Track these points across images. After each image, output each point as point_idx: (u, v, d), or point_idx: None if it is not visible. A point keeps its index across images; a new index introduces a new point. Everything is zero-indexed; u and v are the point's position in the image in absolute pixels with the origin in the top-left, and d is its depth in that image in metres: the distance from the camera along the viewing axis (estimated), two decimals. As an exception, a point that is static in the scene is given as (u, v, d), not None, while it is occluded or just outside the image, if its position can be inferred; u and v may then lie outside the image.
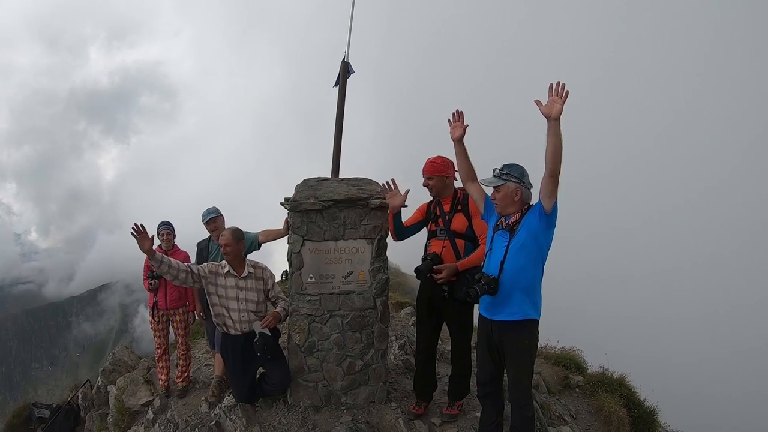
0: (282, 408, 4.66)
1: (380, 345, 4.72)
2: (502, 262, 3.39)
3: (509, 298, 3.39)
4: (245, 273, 4.49)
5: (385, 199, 4.45)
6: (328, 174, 5.96)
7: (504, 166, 3.46)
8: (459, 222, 4.18)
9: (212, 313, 4.55)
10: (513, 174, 3.43)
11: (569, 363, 6.94)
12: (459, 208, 4.21)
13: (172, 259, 4.35)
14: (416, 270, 4.16)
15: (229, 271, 4.46)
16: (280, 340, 4.79)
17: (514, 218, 3.46)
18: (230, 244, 4.40)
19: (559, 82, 3.15)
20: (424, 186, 4.27)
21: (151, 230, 5.47)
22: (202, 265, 4.51)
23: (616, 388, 6.33)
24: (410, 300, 10.24)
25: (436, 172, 4.19)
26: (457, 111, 3.71)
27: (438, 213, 4.30)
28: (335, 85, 6.66)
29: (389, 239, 4.63)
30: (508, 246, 3.41)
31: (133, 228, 4.05)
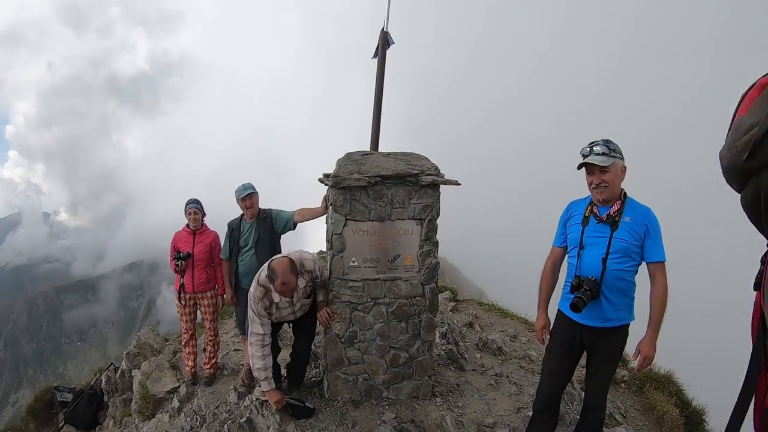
0: (318, 402, 4.27)
1: (427, 336, 4.27)
2: (604, 260, 2.86)
3: (610, 300, 2.90)
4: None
5: (436, 175, 3.92)
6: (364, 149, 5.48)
7: (603, 141, 2.82)
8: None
9: None
10: (618, 150, 2.82)
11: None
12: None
13: (261, 359, 3.83)
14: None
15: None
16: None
17: (615, 207, 2.88)
18: (290, 283, 3.67)
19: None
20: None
21: (179, 208, 5.12)
22: (257, 312, 3.82)
23: (663, 384, 5.80)
24: (445, 284, 9.64)
25: None
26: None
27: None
28: (374, 56, 6.17)
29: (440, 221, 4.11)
30: (610, 240, 2.85)
31: None
